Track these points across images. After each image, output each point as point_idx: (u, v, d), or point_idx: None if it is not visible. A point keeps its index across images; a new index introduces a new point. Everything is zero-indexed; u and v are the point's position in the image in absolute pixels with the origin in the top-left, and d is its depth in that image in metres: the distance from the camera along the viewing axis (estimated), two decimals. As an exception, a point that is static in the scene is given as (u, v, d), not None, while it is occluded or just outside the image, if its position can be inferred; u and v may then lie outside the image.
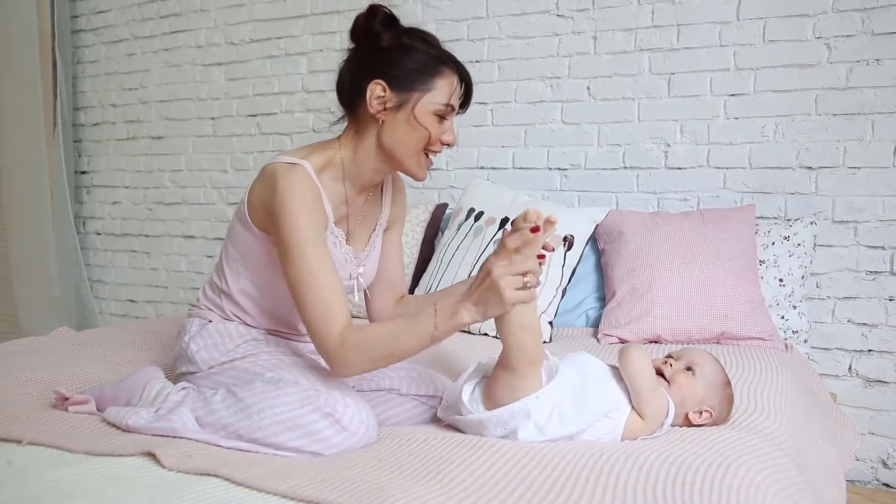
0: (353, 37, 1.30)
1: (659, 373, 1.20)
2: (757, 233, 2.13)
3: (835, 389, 2.18)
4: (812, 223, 2.14)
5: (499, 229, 2.21)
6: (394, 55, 1.26)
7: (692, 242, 2.06)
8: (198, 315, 1.40)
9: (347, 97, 1.32)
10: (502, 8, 2.64)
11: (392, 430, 1.22)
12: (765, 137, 2.29)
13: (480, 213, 2.29)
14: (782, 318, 2.07)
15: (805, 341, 2.08)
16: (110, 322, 3.54)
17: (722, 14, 2.32)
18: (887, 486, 2.19)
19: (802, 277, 2.12)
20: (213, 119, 3.24)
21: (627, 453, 1.02)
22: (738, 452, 1.02)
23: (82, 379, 1.49)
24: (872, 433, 2.19)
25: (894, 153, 2.13)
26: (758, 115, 2.29)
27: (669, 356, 1.25)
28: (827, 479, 1.22)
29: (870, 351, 2.19)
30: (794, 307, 2.09)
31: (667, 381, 1.19)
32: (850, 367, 2.21)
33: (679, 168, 2.41)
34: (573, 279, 2.16)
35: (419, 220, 2.48)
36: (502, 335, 1.13)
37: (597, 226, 2.24)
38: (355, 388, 1.31)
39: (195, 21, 3.24)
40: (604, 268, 2.22)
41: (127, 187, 3.49)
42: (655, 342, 1.99)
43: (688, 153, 2.39)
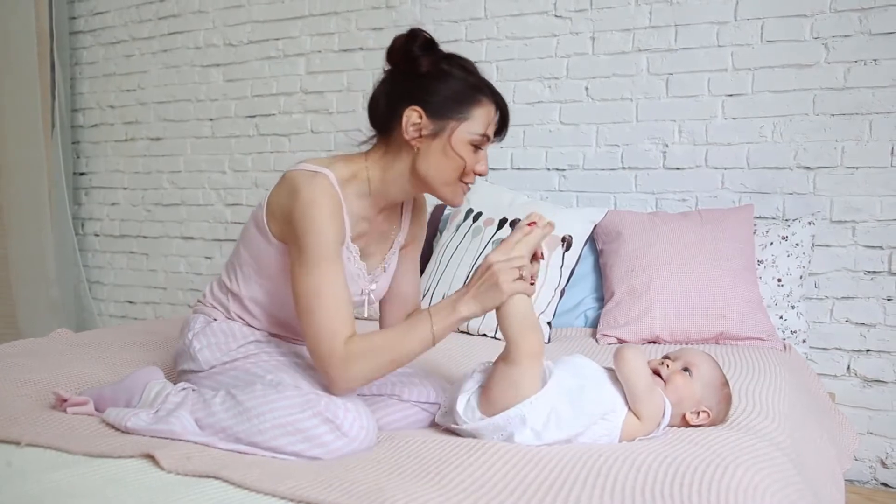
0: (391, 59, 1.27)
1: (656, 373, 1.20)
2: (755, 233, 2.13)
3: (833, 389, 2.19)
4: (810, 223, 2.14)
5: (497, 230, 2.21)
6: (431, 81, 1.24)
7: (690, 243, 2.06)
8: (203, 312, 1.40)
9: (381, 119, 1.30)
10: (500, 9, 2.64)
11: (391, 433, 1.23)
12: (763, 137, 2.29)
13: (479, 214, 2.29)
14: (781, 318, 2.07)
15: (803, 341, 2.08)
16: (109, 323, 3.54)
17: (720, 14, 2.32)
18: (886, 485, 2.19)
19: (801, 277, 2.12)
20: (211, 120, 3.24)
21: (625, 454, 1.02)
22: (737, 453, 1.02)
23: (81, 380, 1.49)
24: (871, 433, 2.19)
25: (892, 153, 2.14)
26: (756, 116, 2.29)
27: (667, 357, 1.25)
28: (825, 478, 1.22)
29: (868, 351, 2.19)
30: (793, 307, 2.09)
31: (664, 382, 1.19)
32: (849, 367, 2.21)
33: (677, 168, 2.41)
34: (572, 280, 2.16)
35: (418, 221, 2.48)
36: (503, 328, 1.14)
37: (595, 226, 2.24)
38: (356, 393, 1.31)
39: (193, 22, 3.24)
40: (602, 268, 2.22)
41: (125, 188, 3.49)
42: (654, 342, 1.99)
43: (686, 153, 2.39)
